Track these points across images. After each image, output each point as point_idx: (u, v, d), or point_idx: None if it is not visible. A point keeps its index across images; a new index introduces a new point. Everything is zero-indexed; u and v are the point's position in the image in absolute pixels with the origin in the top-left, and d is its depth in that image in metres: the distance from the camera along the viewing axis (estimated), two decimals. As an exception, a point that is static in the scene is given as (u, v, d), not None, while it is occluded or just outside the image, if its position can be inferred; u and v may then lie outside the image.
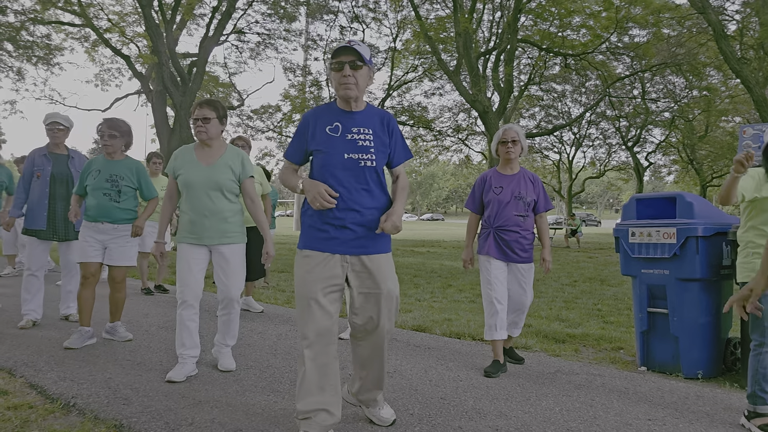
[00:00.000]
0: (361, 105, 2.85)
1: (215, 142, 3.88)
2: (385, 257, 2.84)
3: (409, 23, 24.62)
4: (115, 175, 4.63)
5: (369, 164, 2.75)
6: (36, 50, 20.37)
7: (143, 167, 4.81)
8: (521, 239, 4.08)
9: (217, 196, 3.79)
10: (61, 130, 5.27)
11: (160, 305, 6.25)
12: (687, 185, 37.43)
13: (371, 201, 2.78)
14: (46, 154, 5.28)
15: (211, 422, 2.98)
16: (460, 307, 6.75)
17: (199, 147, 3.90)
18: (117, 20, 20.13)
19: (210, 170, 3.79)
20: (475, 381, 3.85)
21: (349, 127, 2.78)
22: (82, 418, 3.00)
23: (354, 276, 2.78)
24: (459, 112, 30.70)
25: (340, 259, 2.75)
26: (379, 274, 2.78)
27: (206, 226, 3.79)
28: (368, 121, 2.84)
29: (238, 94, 25.25)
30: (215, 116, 3.82)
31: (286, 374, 3.90)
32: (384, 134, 2.85)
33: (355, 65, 2.72)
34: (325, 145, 2.76)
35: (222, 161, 3.84)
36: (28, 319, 5.19)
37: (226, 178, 3.80)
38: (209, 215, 3.79)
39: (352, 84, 2.72)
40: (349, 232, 2.75)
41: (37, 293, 5.28)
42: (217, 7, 17.05)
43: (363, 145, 2.76)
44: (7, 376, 3.70)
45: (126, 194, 4.66)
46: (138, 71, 18.56)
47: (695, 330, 4.09)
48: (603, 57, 23.84)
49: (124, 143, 4.72)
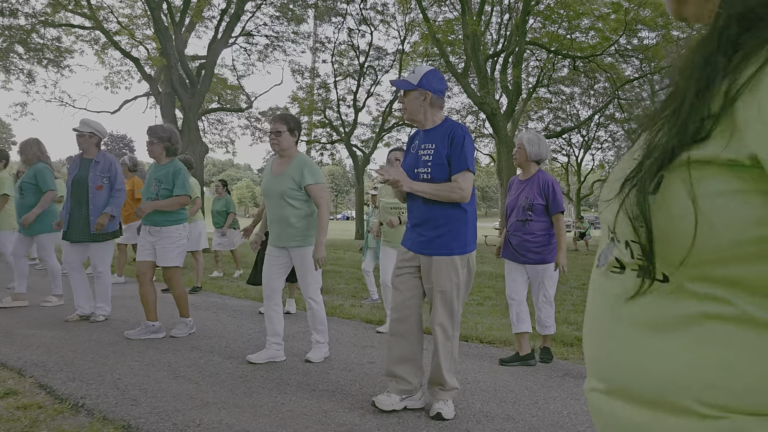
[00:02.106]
0: (429, 123, 3.22)
1: (287, 152, 4.18)
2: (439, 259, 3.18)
3: (417, 25, 24.62)
4: (156, 179, 4.87)
5: (424, 177, 3.12)
6: (46, 53, 20.50)
7: (181, 168, 4.94)
8: (525, 242, 4.25)
9: (281, 203, 4.12)
10: (81, 136, 5.44)
11: (168, 306, 6.27)
12: (696, 188, 37.15)
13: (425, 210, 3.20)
14: (79, 158, 5.53)
15: (218, 423, 2.98)
16: (468, 310, 6.73)
17: (276, 158, 4.28)
18: (126, 23, 20.24)
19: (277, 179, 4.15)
20: (482, 384, 3.84)
21: (420, 144, 3.22)
22: (90, 419, 3.01)
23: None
24: (467, 115, 30.64)
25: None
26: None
27: (276, 231, 4.21)
28: (433, 137, 3.19)
29: (246, 97, 25.31)
30: (286, 129, 4.13)
31: (294, 376, 3.91)
32: (444, 148, 3.11)
33: (405, 93, 3.22)
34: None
35: (288, 171, 4.14)
36: (76, 314, 5.50)
37: (288, 187, 4.09)
38: (278, 221, 4.17)
39: (402, 109, 3.24)
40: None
41: (78, 289, 5.51)
42: (225, 10, 17.10)
43: (424, 159, 3.15)
44: (17, 376, 3.73)
45: (164, 197, 4.85)
46: (147, 73, 18.64)
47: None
48: (612, 59, 23.73)
49: (164, 148, 4.93)
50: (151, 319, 4.91)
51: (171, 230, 4.86)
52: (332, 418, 3.12)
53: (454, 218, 3.12)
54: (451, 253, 3.11)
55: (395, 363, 3.24)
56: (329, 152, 29.21)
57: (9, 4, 17.58)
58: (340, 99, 27.34)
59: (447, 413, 3.14)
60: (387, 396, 3.22)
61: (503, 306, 7.15)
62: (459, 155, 3.07)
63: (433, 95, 3.17)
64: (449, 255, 3.11)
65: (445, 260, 3.11)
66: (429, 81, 3.16)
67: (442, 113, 3.25)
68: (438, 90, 3.19)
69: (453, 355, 3.19)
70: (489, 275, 10.75)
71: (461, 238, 3.13)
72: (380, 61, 27.36)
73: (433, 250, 3.14)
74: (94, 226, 5.26)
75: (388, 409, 3.17)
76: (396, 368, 3.24)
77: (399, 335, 3.26)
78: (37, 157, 5.99)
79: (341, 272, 10.75)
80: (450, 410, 3.17)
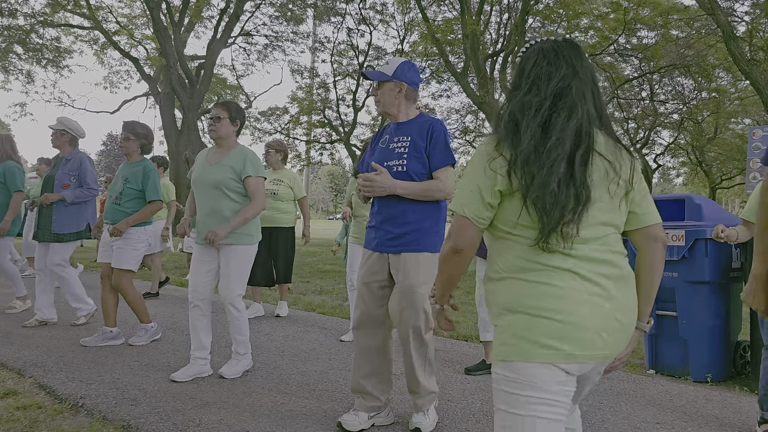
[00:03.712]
0: (402, 117, 3.06)
1: (225, 141, 3.90)
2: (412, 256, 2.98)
3: (416, 25, 24.62)
4: (123, 177, 4.69)
5: (399, 170, 2.92)
6: (45, 53, 20.49)
7: (151, 170, 4.74)
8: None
9: (216, 194, 3.79)
10: (54, 134, 5.33)
11: (168, 306, 6.27)
12: (696, 187, 37.21)
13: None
14: (56, 158, 5.43)
15: (218, 423, 2.98)
16: (467, 309, 6.73)
17: (213, 147, 3.98)
18: (126, 23, 20.24)
19: (213, 169, 3.83)
20: (482, 384, 3.84)
21: (391, 137, 3.06)
22: (90, 419, 3.01)
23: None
24: (466, 114, 30.62)
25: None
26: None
27: (205, 225, 3.84)
28: (408, 129, 3.02)
29: (245, 96, 25.34)
30: (227, 116, 3.86)
31: (293, 376, 3.91)
32: (422, 141, 2.95)
33: (378, 84, 3.07)
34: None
35: (226, 161, 3.84)
36: (35, 318, 5.27)
37: (227, 177, 3.78)
38: (210, 214, 3.81)
39: (376, 101, 3.08)
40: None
41: (39, 293, 5.30)
42: (224, 10, 17.11)
43: (398, 152, 2.97)
44: (17, 376, 3.73)
45: (127, 196, 4.66)
46: (146, 74, 18.65)
47: (704, 333, 4.06)
48: (611, 59, 23.73)
49: (139, 145, 4.78)
50: (110, 325, 4.70)
51: (130, 232, 4.62)
52: (332, 418, 3.12)
53: (425, 213, 2.93)
54: (421, 250, 2.91)
55: (362, 377, 3.02)
56: (329, 152, 29.19)
57: (8, 4, 17.57)
58: (340, 99, 27.34)
59: (426, 426, 2.94)
60: (354, 415, 2.99)
61: (503, 305, 7.15)
62: (443, 149, 2.92)
63: (408, 87, 3.02)
64: (419, 252, 2.91)
65: (414, 257, 2.90)
66: (404, 72, 3.01)
67: (415, 107, 3.10)
68: (413, 82, 3.05)
69: (428, 357, 2.97)
70: (488, 275, 10.74)
71: (432, 234, 2.95)
72: (380, 61, 27.36)
73: (400, 246, 2.91)
74: (39, 198, 5.07)
75: (356, 430, 2.93)
76: (363, 383, 3.02)
77: (365, 348, 3.02)
78: (8, 154, 5.75)
79: (341, 272, 10.75)
80: (429, 422, 2.97)
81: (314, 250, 16.62)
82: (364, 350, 3.02)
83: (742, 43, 17.19)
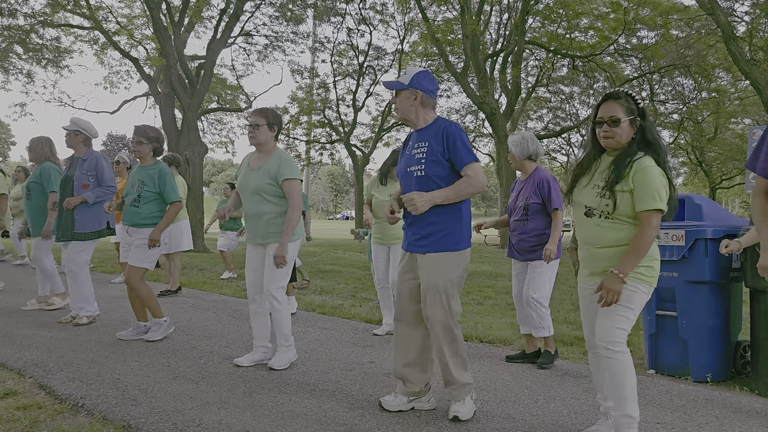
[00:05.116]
0: (420, 123, 3.26)
1: (264, 147, 4.10)
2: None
3: (416, 25, 24.62)
4: (140, 180, 4.82)
5: (418, 174, 3.14)
6: (45, 53, 20.46)
7: (167, 172, 4.87)
8: (522, 241, 4.36)
9: (258, 199, 4.03)
10: (67, 134, 5.41)
11: (168, 306, 6.27)
12: (696, 187, 37.21)
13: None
14: (71, 158, 5.51)
15: (218, 423, 2.99)
16: (468, 309, 6.73)
17: (254, 153, 4.20)
18: (126, 23, 20.23)
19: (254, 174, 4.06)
20: (482, 383, 3.84)
21: (413, 144, 3.26)
22: (90, 419, 3.01)
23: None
24: (466, 114, 30.65)
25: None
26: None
27: (252, 227, 4.14)
28: (426, 135, 3.22)
29: (245, 97, 25.30)
30: (265, 123, 4.04)
31: (293, 376, 3.91)
32: (438, 145, 3.13)
33: (396, 93, 3.29)
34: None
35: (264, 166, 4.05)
36: (70, 315, 5.49)
37: (265, 183, 3.99)
38: (254, 217, 4.09)
39: (395, 109, 3.32)
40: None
41: (72, 290, 5.42)
42: (224, 10, 17.09)
43: (417, 157, 3.18)
44: (17, 376, 3.73)
45: (145, 198, 4.79)
46: (146, 74, 18.61)
47: (704, 333, 4.06)
48: (611, 59, 23.73)
49: (152, 148, 4.89)
50: (142, 320, 4.94)
51: (148, 232, 4.76)
52: (332, 418, 3.13)
53: (446, 215, 3.13)
54: (444, 249, 3.12)
55: (401, 366, 3.26)
56: (329, 152, 29.21)
57: (8, 4, 17.56)
58: (340, 99, 27.36)
59: (464, 414, 3.11)
60: (394, 397, 3.26)
61: (503, 305, 7.16)
62: (462, 149, 3.10)
63: (423, 94, 3.21)
64: (443, 252, 3.12)
65: (438, 256, 3.12)
66: (419, 81, 3.21)
67: (434, 113, 3.29)
68: (429, 90, 3.23)
69: (459, 351, 3.16)
70: (489, 275, 10.75)
71: (455, 234, 3.14)
72: (379, 61, 27.38)
73: (426, 247, 3.15)
74: (63, 203, 5.15)
75: (394, 410, 3.21)
76: (402, 371, 3.25)
77: (403, 338, 3.28)
78: (46, 156, 5.87)
79: (341, 272, 10.75)
80: (467, 410, 3.14)
81: (314, 250, 16.63)
82: (402, 341, 3.28)
83: (742, 43, 17.18)
